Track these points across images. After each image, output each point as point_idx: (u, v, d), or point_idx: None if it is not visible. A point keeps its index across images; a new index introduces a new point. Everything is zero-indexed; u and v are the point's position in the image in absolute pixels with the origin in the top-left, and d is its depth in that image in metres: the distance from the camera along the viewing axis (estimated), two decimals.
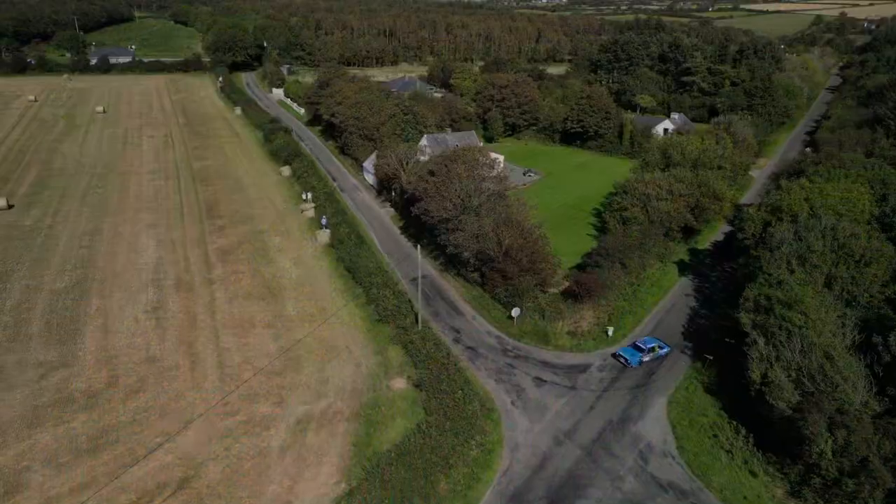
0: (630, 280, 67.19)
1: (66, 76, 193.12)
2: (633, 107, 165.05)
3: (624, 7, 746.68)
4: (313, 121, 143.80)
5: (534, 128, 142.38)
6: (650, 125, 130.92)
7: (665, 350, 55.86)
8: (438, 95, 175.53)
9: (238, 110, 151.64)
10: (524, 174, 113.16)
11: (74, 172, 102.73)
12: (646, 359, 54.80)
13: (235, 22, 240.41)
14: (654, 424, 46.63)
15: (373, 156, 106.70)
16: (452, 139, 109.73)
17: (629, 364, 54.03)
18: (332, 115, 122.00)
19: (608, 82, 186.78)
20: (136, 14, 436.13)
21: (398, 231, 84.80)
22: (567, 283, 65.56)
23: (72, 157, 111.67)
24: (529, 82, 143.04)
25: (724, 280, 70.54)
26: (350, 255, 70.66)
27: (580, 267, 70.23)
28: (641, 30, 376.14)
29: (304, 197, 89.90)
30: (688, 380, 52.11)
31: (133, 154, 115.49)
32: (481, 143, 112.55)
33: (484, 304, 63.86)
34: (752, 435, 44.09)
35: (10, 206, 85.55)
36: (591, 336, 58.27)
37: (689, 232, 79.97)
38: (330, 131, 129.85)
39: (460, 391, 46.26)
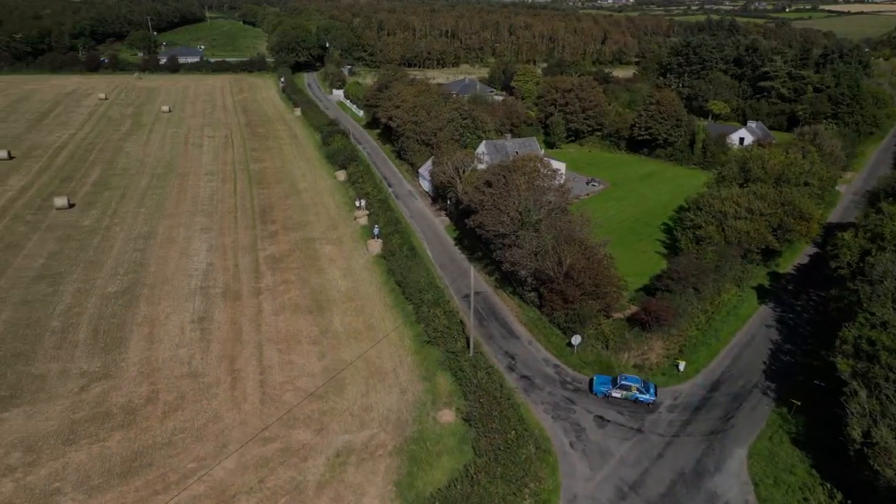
0: (703, 307, 61.46)
1: (136, 75, 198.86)
2: (704, 113, 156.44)
3: (695, 7, 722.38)
4: (372, 123, 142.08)
5: (598, 134, 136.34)
6: (724, 134, 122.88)
7: (647, 397, 48.75)
8: (499, 98, 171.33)
9: (298, 111, 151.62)
10: (587, 183, 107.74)
11: (136, 172, 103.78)
12: (614, 394, 49.21)
13: (299, 23, 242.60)
14: (733, 480, 41.33)
15: (429, 161, 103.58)
16: (512, 146, 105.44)
17: (592, 391, 50.02)
18: (390, 119, 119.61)
19: (678, 87, 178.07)
20: (208, 15, 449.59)
21: (452, 242, 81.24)
22: (633, 309, 60.45)
23: (135, 156, 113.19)
24: (595, 86, 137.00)
25: (810, 310, 63.83)
26: (401, 267, 67.50)
27: (648, 290, 64.89)
28: (714, 31, 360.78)
29: (357, 204, 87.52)
30: (772, 428, 46.36)
31: (193, 154, 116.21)
32: (542, 151, 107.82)
33: (541, 328, 59.49)
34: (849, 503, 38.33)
35: (71, 206, 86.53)
36: (659, 370, 53.12)
37: (769, 254, 73.21)
38: (387, 135, 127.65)
39: (513, 431, 42.19)
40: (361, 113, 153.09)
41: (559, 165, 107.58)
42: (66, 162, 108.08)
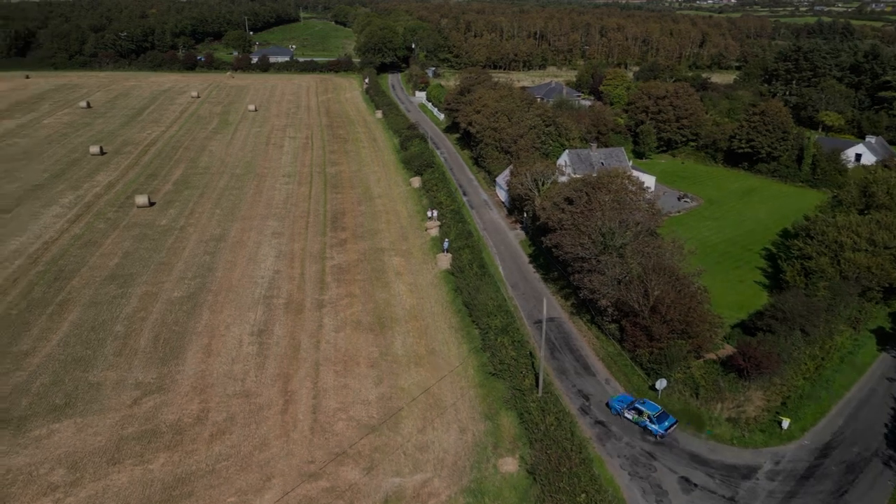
0: (812, 353, 53.62)
1: (228, 73, 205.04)
2: (814, 125, 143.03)
3: (803, 8, 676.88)
4: (451, 127, 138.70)
5: (692, 144, 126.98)
6: (838, 149, 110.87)
7: (655, 428, 45.11)
8: (586, 104, 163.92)
9: (379, 114, 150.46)
10: (679, 199, 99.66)
11: (216, 172, 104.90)
12: (626, 415, 46.87)
13: (386, 24, 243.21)
14: None
15: (507, 170, 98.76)
16: (597, 156, 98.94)
17: (610, 408, 48.21)
18: (469, 124, 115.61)
19: (784, 94, 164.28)
20: (302, 15, 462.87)
21: (527, 259, 76.19)
22: (729, 350, 53.51)
23: (218, 155, 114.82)
24: (692, 93, 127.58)
25: None
26: (469, 286, 63.24)
27: (746, 329, 57.57)
28: (825, 34, 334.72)
29: (429, 214, 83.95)
30: None
31: (273, 155, 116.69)
32: (630, 161, 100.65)
33: (621, 366, 53.61)
34: None
35: (151, 204, 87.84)
36: (758, 426, 46.24)
37: (892, 292, 63.79)
38: (466, 140, 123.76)
39: (583, 494, 36.97)
40: (442, 116, 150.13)
41: (648, 179, 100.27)
42: (153, 159, 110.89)
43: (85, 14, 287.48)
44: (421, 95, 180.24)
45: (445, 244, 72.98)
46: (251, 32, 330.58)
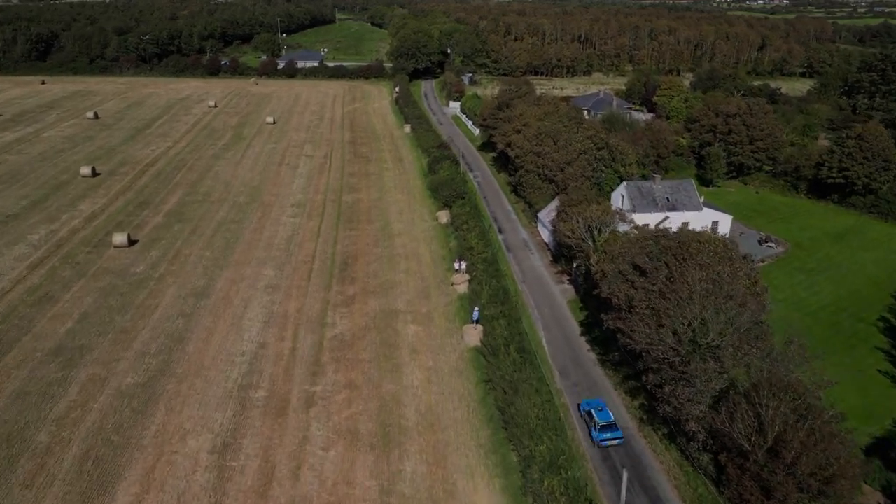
0: None
1: (252, 80, 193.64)
2: None
3: (862, 9, 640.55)
4: (487, 145, 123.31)
5: (766, 169, 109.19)
6: None
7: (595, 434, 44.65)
8: (639, 117, 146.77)
9: (408, 128, 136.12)
10: (760, 242, 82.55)
11: (217, 199, 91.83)
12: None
13: (421, 27, 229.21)
14: None
15: (552, 204, 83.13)
16: (662, 190, 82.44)
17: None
18: (508, 146, 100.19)
19: (867, 109, 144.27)
20: (338, 16, 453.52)
21: (578, 329, 60.55)
22: (876, 499, 37.19)
23: (222, 178, 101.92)
24: (768, 111, 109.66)
25: None
26: (505, 382, 47.91)
27: (889, 460, 41.02)
28: (894, 37, 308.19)
29: (456, 266, 68.72)
30: None
31: (285, 177, 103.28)
32: (702, 198, 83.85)
33: None
34: None
35: (131, 243, 74.90)
36: None
37: None
38: (504, 162, 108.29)
39: None
40: (477, 132, 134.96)
41: (723, 218, 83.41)
42: (150, 182, 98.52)
43: (114, 16, 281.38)
44: (455, 106, 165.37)
45: (475, 314, 57.70)
46: (284, 35, 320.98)
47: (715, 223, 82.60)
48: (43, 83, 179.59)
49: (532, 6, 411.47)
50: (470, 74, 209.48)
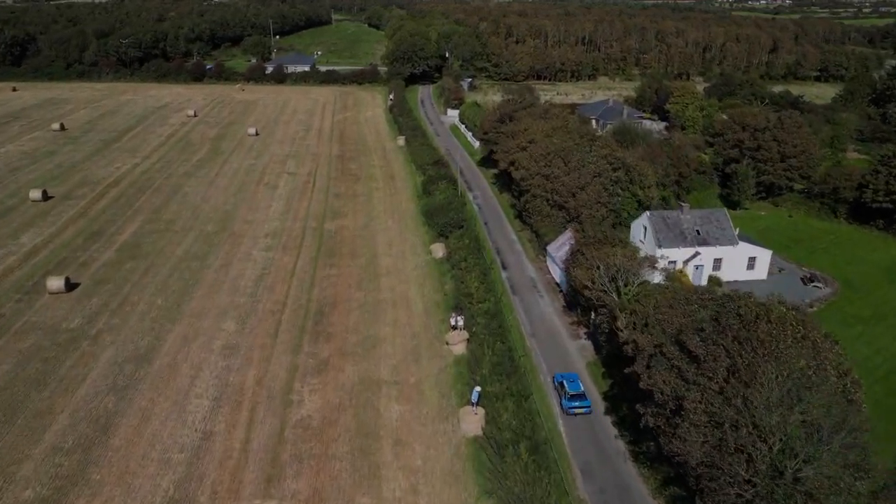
0: None
1: (238, 85, 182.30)
2: None
3: (867, 9, 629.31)
4: (488, 160, 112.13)
5: (797, 188, 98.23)
6: None
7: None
8: (652, 127, 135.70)
9: (401, 140, 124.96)
10: (804, 282, 71.45)
11: (181, 228, 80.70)
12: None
13: (418, 29, 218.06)
14: None
15: (563, 237, 72.19)
16: (690, 221, 71.30)
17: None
18: (512, 165, 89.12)
19: None
20: (334, 17, 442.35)
21: (600, 401, 49.50)
22: None
23: (191, 201, 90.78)
24: (801, 125, 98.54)
25: None
26: (513, 497, 36.88)
27: None
28: None
29: (452, 322, 57.46)
30: None
31: (262, 200, 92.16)
32: (737, 231, 72.59)
33: None
34: None
35: (71, 288, 63.70)
36: None
37: None
38: (507, 180, 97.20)
39: None
40: (477, 144, 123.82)
41: (762, 254, 72.23)
42: (108, 207, 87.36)
43: (99, 17, 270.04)
44: (453, 114, 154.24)
45: (474, 395, 46.35)
46: (277, 37, 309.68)
47: (752, 259, 71.59)
48: (14, 90, 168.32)
49: (533, 6, 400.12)
50: (469, 79, 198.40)
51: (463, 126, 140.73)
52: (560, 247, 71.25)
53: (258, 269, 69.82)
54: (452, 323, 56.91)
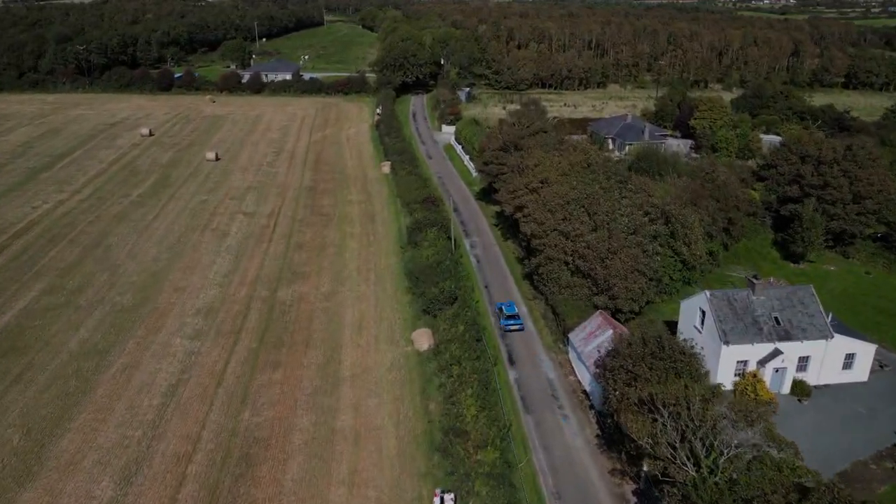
0: None
1: (209, 97, 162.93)
2: None
3: (876, 9, 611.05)
4: (489, 192, 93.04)
5: (871, 232, 79.40)
6: None
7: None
8: (679, 149, 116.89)
9: (386, 167, 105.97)
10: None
11: (89, 300, 61.76)
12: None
13: (411, 33, 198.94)
14: None
15: (592, 322, 53.55)
16: (764, 304, 52.16)
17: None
18: (519, 211, 70.14)
19: None
20: (326, 18, 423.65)
21: None
22: None
23: (114, 256, 71.80)
24: (876, 156, 79.57)
25: None
26: None
27: None
28: None
29: (438, 502, 38.21)
30: None
31: (204, 255, 73.14)
32: (829, 315, 53.24)
33: None
34: None
35: None
36: None
37: None
38: (513, 221, 78.05)
39: None
40: (476, 172, 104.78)
41: (863, 349, 52.95)
42: (4, 267, 68.26)
43: (69, 21, 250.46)
44: (449, 131, 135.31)
45: None
46: (263, 40, 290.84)
47: (849, 356, 52.63)
48: None
49: (534, 7, 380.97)
50: (467, 89, 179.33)
51: (459, 147, 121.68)
52: (588, 338, 52.36)
53: (174, 374, 50.75)
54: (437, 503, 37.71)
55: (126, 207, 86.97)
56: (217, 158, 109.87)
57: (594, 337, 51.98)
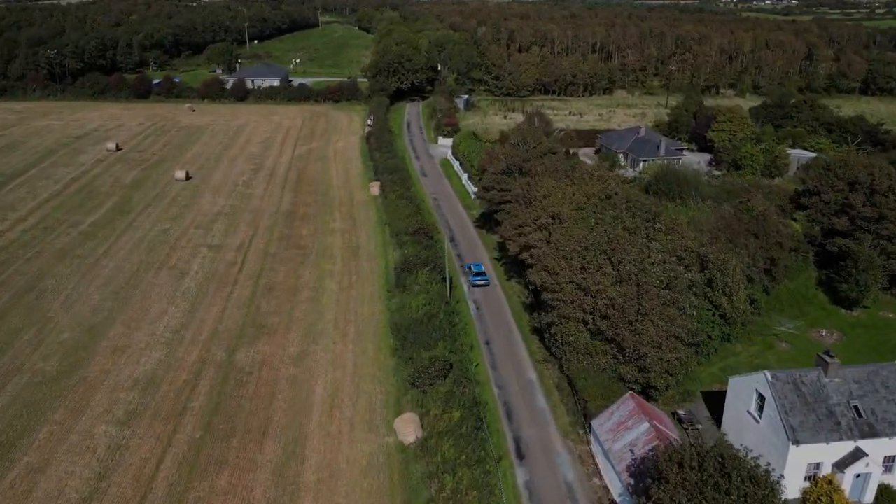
0: None
1: (188, 105, 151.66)
2: None
3: (880, 10, 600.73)
4: (489, 219, 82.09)
5: None
6: None
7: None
8: (699, 167, 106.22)
9: (375, 188, 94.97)
10: None
11: (3, 369, 50.57)
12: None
13: (406, 36, 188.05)
14: None
15: (621, 408, 42.78)
16: (842, 387, 41.18)
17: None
18: (527, 251, 59.24)
19: None
20: (321, 19, 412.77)
21: None
22: None
23: (44, 308, 60.76)
24: None
25: None
26: None
27: None
28: None
29: None
30: None
31: (155, 302, 62.19)
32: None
33: None
34: None
35: None
36: None
37: None
38: (518, 263, 67.08)
39: None
40: (474, 194, 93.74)
41: None
42: None
43: (49, 23, 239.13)
44: (446, 144, 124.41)
45: None
46: (255, 42, 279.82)
47: None
48: None
49: (535, 8, 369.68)
50: (466, 96, 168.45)
51: (457, 163, 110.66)
52: (617, 430, 41.48)
53: (89, 480, 39.70)
54: None
55: (73, 239, 75.85)
56: (188, 177, 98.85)
57: (625, 430, 41.06)
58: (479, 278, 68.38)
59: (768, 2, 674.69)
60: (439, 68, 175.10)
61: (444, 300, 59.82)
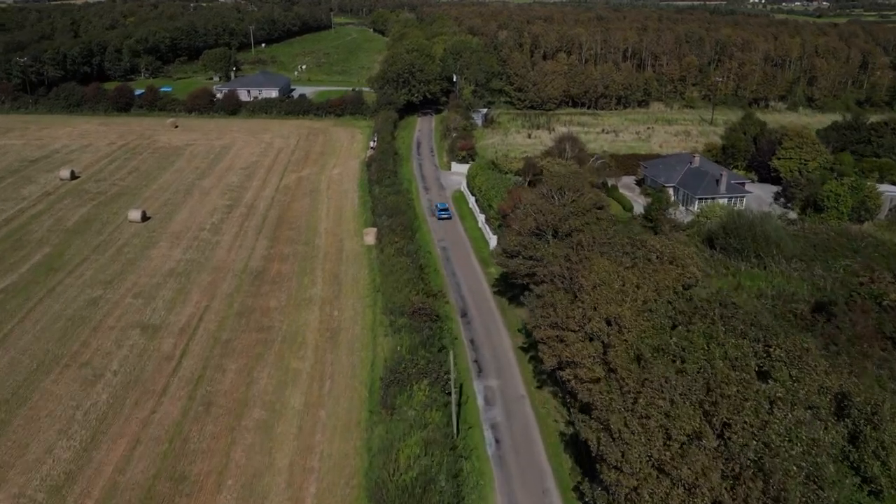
0: None
1: (171, 120, 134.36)
2: None
3: None
4: (510, 285, 63.00)
5: None
6: None
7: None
8: (772, 210, 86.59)
9: (371, 236, 76.27)
10: None
11: None
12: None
13: (419, 42, 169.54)
14: None
15: None
16: None
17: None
18: (569, 369, 40.35)
19: None
20: (334, 21, 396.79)
21: None
22: None
23: None
24: None
25: None
26: None
27: None
28: None
29: None
30: None
31: (42, 428, 44.49)
32: None
33: None
34: None
35: None
36: None
37: None
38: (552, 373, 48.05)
39: None
40: (493, 242, 74.60)
41: None
42: None
43: (38, 25, 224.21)
44: (460, 171, 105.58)
45: None
46: (263, 45, 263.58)
47: None
48: None
49: (559, 10, 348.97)
50: (485, 110, 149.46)
51: (472, 199, 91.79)
52: None
53: None
54: None
55: None
56: (144, 219, 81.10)
57: None
58: (443, 213, 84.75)
59: (798, 3, 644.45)
60: (454, 79, 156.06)
61: (448, 444, 41.02)
